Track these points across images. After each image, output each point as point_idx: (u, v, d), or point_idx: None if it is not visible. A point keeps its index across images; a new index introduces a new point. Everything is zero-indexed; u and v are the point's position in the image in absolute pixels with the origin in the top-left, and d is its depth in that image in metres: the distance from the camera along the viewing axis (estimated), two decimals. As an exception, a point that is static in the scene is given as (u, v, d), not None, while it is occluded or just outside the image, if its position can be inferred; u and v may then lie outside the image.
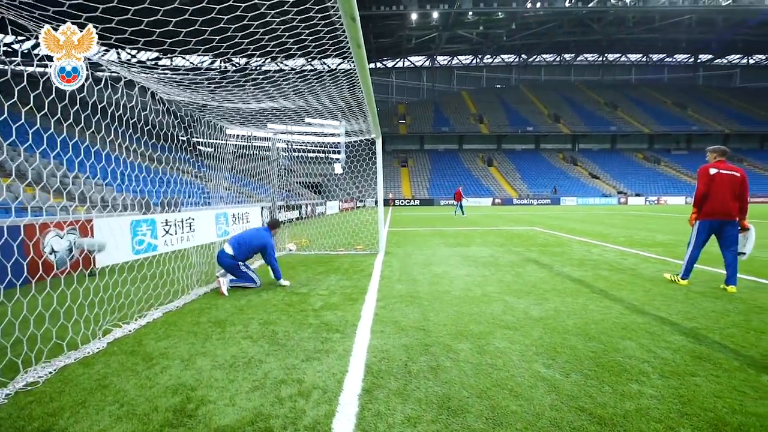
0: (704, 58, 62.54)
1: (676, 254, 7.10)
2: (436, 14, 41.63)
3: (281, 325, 3.50)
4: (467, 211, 22.79)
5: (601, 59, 64.16)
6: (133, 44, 3.25)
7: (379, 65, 60.50)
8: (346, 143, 10.19)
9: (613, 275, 5.41)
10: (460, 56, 61.37)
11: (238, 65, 37.13)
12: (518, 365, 2.60)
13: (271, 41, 3.79)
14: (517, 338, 3.08)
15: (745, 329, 3.22)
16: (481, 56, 61.18)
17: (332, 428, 1.94)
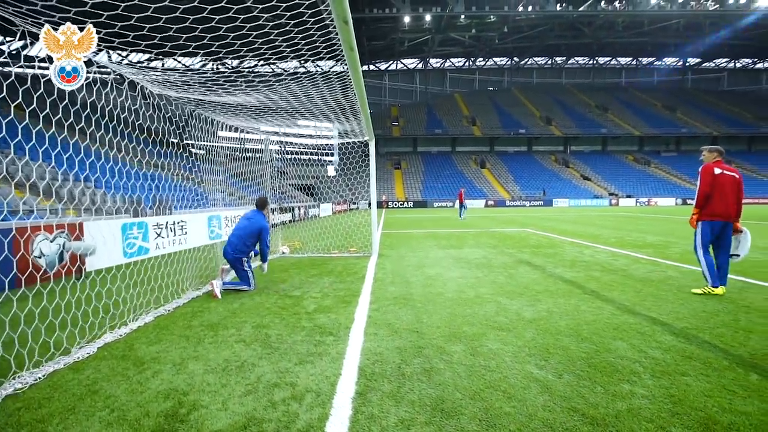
0: (693, 61, 63.67)
1: (666, 255, 7.19)
2: (428, 17, 41.85)
3: (274, 328, 3.48)
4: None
5: (591, 62, 65.02)
6: (123, 42, 3.22)
7: (372, 67, 60.60)
8: (339, 145, 10.19)
9: (604, 276, 5.46)
10: (452, 59, 61.74)
11: (230, 67, 36.95)
12: (511, 366, 2.61)
13: (264, 44, 3.78)
14: (510, 339, 3.09)
15: (734, 329, 3.27)
16: (473, 59, 61.62)
17: (326, 432, 1.93)
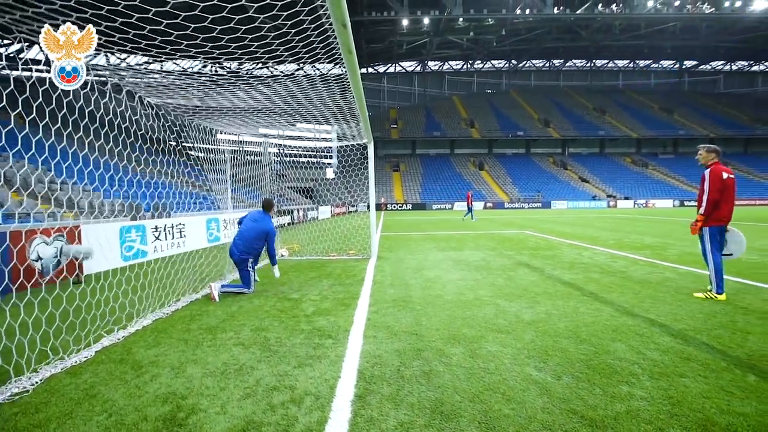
0: (689, 64, 64.00)
1: (663, 257, 7.21)
2: (426, 20, 42.01)
3: (273, 331, 3.48)
4: (461, 215, 22.88)
5: (589, 65, 65.29)
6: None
7: (370, 70, 60.76)
8: (338, 148, 10.20)
9: (603, 278, 5.47)
10: (451, 61, 61.94)
11: (229, 69, 37.02)
12: (510, 369, 2.61)
13: (263, 47, 3.79)
14: (509, 342, 3.09)
15: (731, 330, 3.28)
16: (471, 62, 61.83)
17: (325, 435, 1.92)
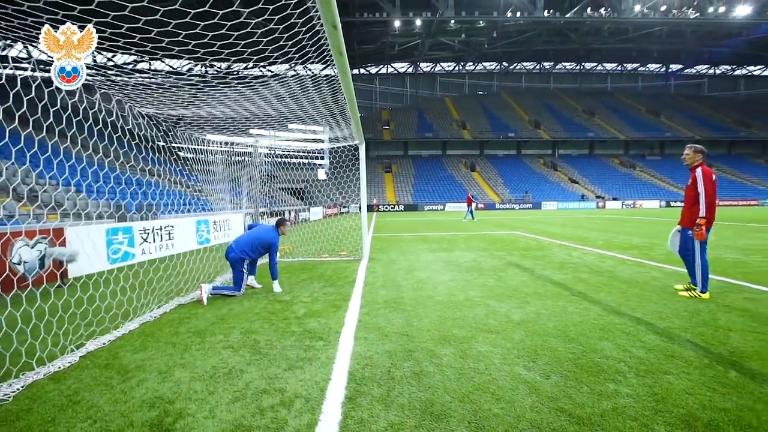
0: (675, 67, 65.22)
1: (650, 257, 7.33)
2: (418, 22, 42.15)
3: (263, 333, 3.45)
4: (457, 216, 23.04)
5: (578, 68, 66.14)
6: (112, 43, 3.18)
7: (362, 71, 60.75)
8: (330, 149, 10.18)
9: (592, 278, 5.54)
10: (443, 63, 62.22)
11: (219, 70, 36.68)
12: (500, 368, 2.63)
13: (253, 48, 3.77)
14: (499, 342, 3.12)
15: (714, 328, 3.35)
16: (463, 63, 62.18)
17: (314, 437, 1.92)
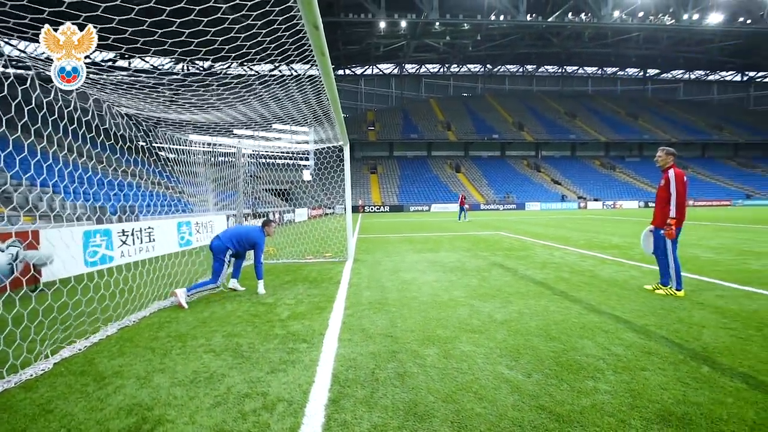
0: (652, 72, 67.31)
1: (629, 256, 7.53)
2: (403, 23, 42.34)
3: (246, 336, 3.40)
4: (442, 217, 23.23)
5: (560, 71, 67.58)
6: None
7: (348, 72, 60.64)
8: (315, 150, 10.12)
9: (573, 277, 5.66)
10: (428, 65, 62.60)
11: (201, 69, 36.05)
12: (483, 368, 2.66)
13: (232, 44, 3.72)
14: (482, 341, 3.15)
15: (688, 324, 3.46)
16: (448, 65, 62.72)
17: (297, 441, 1.90)
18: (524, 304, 4.25)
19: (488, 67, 64.45)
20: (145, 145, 5.87)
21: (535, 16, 43.09)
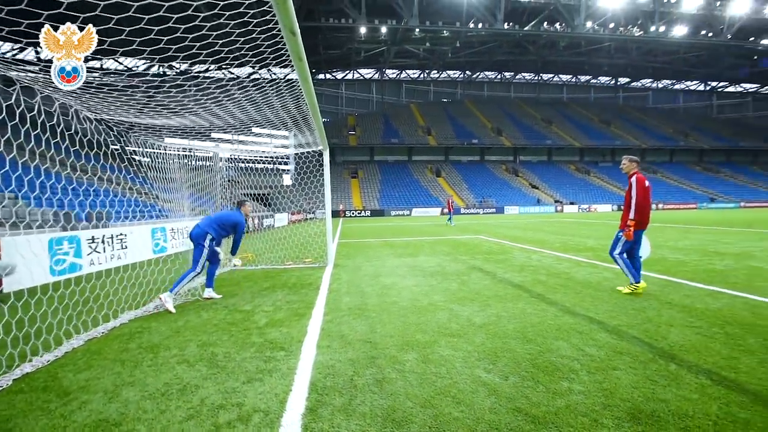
0: (623, 80, 70.15)
1: (603, 258, 7.76)
2: (384, 29, 42.69)
3: (222, 345, 3.32)
4: (423, 221, 23.36)
5: (537, 78, 69.55)
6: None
7: (328, 76, 60.57)
8: (295, 154, 10.02)
9: (549, 279, 5.79)
10: (408, 70, 63.27)
11: (178, 70, 35.24)
12: (461, 372, 2.68)
13: (209, 49, 3.65)
14: (460, 345, 3.18)
15: (657, 324, 3.59)
16: (428, 71, 63.55)
17: (272, 453, 1.86)
18: (502, 307, 4.32)
19: (467, 73, 65.68)
20: (116, 149, 5.66)
21: (512, 24, 44.30)
